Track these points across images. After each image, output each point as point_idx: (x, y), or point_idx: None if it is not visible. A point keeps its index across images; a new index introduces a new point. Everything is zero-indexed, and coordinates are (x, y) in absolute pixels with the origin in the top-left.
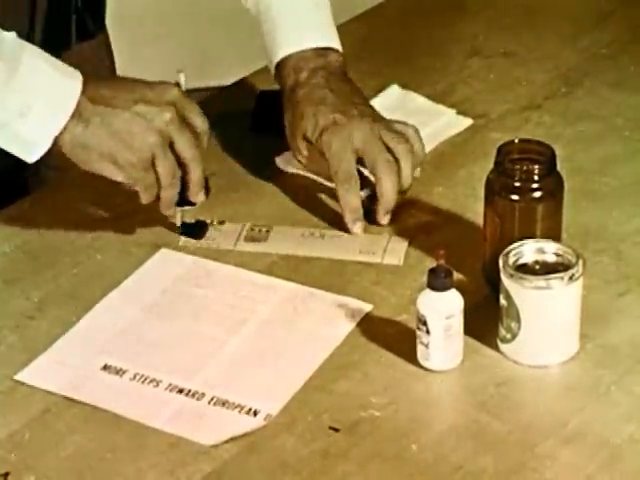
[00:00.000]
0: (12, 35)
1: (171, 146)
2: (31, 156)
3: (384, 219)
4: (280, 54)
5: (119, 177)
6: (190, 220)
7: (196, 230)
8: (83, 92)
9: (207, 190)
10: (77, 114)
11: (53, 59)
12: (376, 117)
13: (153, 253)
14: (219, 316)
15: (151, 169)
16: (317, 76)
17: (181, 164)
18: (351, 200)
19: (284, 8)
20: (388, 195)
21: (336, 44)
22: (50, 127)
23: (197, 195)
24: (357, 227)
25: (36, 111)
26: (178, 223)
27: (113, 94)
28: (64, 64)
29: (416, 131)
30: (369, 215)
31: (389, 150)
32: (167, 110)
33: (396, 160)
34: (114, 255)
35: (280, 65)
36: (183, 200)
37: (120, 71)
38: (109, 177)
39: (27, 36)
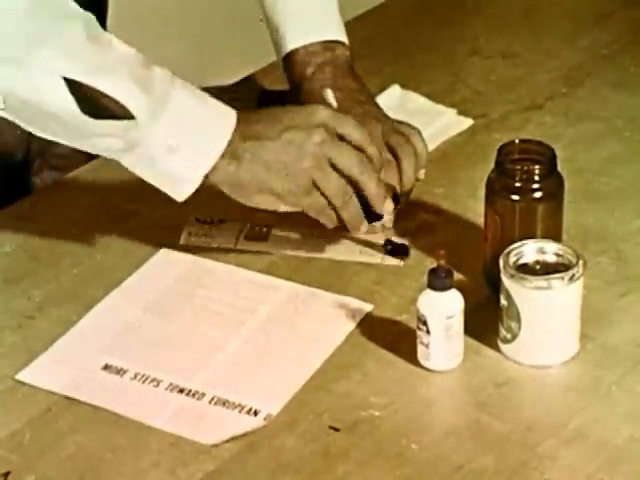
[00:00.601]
0: (164, 70)
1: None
2: (179, 194)
3: (387, 220)
4: (287, 48)
5: (284, 207)
6: (394, 239)
7: (399, 250)
8: (235, 130)
9: (397, 197)
10: (229, 153)
11: (204, 95)
12: (380, 117)
13: (154, 253)
14: (220, 316)
15: (316, 193)
16: (323, 71)
17: (351, 181)
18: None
19: (291, 1)
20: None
21: (343, 37)
22: (199, 166)
23: (381, 206)
24: (360, 231)
25: (185, 149)
26: (381, 240)
27: (263, 127)
28: (217, 101)
29: (419, 133)
30: (371, 215)
31: (392, 151)
32: (315, 132)
33: (398, 161)
34: (115, 255)
35: (287, 59)
36: (371, 214)
37: None
38: (276, 210)
39: None
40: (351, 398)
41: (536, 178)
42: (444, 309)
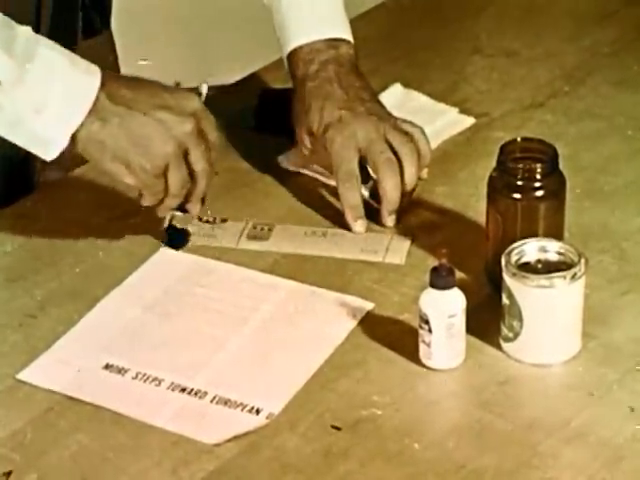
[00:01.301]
0: (27, 30)
1: (185, 157)
2: (48, 154)
3: (388, 220)
4: (291, 45)
5: (129, 180)
6: (178, 225)
7: (179, 237)
8: (102, 89)
9: (202, 201)
10: (95, 111)
11: (70, 53)
12: (383, 115)
13: (156, 252)
14: (221, 315)
15: (162, 177)
16: (327, 69)
17: (191, 175)
18: (352, 198)
19: None
20: (390, 195)
21: (348, 36)
22: (67, 124)
23: (195, 206)
24: (358, 225)
25: (52, 108)
26: (165, 225)
27: (134, 96)
28: (82, 59)
29: (423, 132)
30: (374, 215)
31: (393, 150)
32: (188, 121)
33: (400, 161)
34: (117, 254)
35: (291, 56)
36: (178, 206)
37: (123, 68)
38: (118, 179)
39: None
40: (353, 397)
41: (538, 177)
42: (446, 308)
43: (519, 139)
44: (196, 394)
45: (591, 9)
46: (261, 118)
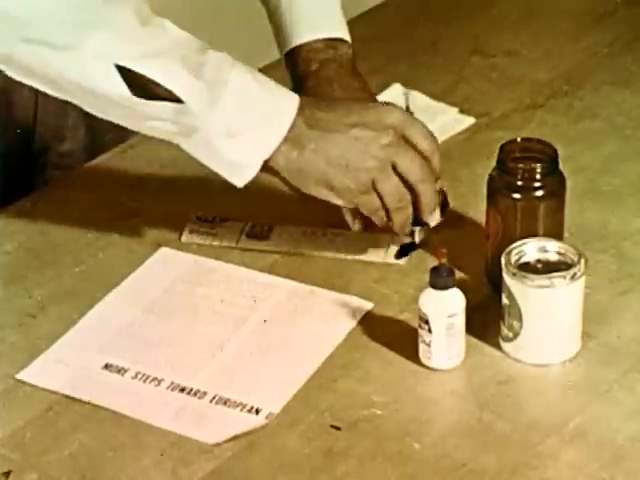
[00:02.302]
0: (221, 55)
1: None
2: (240, 179)
3: (433, 218)
4: (291, 44)
5: (339, 202)
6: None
7: (405, 251)
8: (298, 114)
9: (444, 207)
10: (292, 139)
11: (266, 80)
12: None
13: (155, 251)
14: (220, 315)
15: (373, 193)
16: (328, 68)
17: (409, 187)
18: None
19: None
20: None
21: (346, 36)
22: (260, 150)
23: (429, 216)
24: (357, 223)
25: (244, 135)
26: (406, 241)
27: (329, 117)
28: (279, 85)
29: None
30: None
31: None
32: (385, 134)
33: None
34: (116, 253)
35: (290, 55)
36: (416, 219)
37: None
38: (330, 201)
39: None
40: (352, 397)
41: (538, 177)
42: (446, 308)
43: (519, 139)
44: (195, 394)
45: (590, 9)
46: None
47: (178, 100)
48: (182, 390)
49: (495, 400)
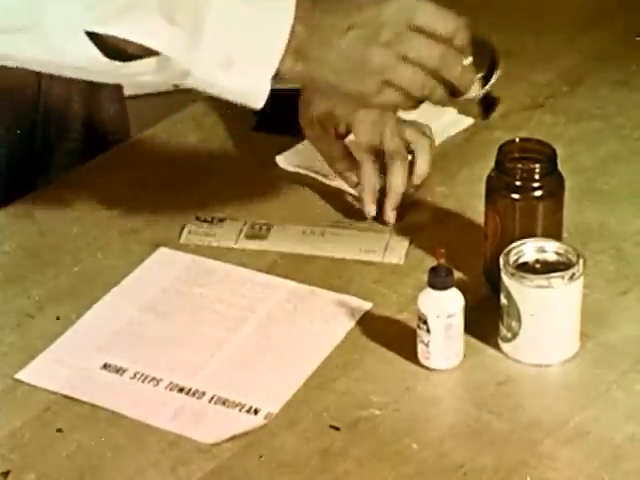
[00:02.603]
0: None
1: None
2: (255, 102)
3: (391, 216)
4: None
5: (376, 101)
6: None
7: (489, 105)
8: (297, 21)
9: (493, 65)
10: (293, 49)
11: None
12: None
13: (154, 252)
14: (219, 315)
15: (388, 89)
16: None
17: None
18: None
19: None
20: (396, 189)
21: None
22: (262, 73)
23: (470, 88)
24: (373, 209)
25: (242, 61)
26: (473, 93)
27: (329, 21)
28: None
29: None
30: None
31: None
32: (383, 30)
33: (413, 155)
34: (115, 253)
35: None
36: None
37: None
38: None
39: None
40: (351, 397)
41: (536, 177)
42: (444, 308)
43: (518, 139)
44: (194, 394)
45: (590, 10)
46: (261, 118)
47: (157, 53)
48: (181, 390)
49: (494, 400)
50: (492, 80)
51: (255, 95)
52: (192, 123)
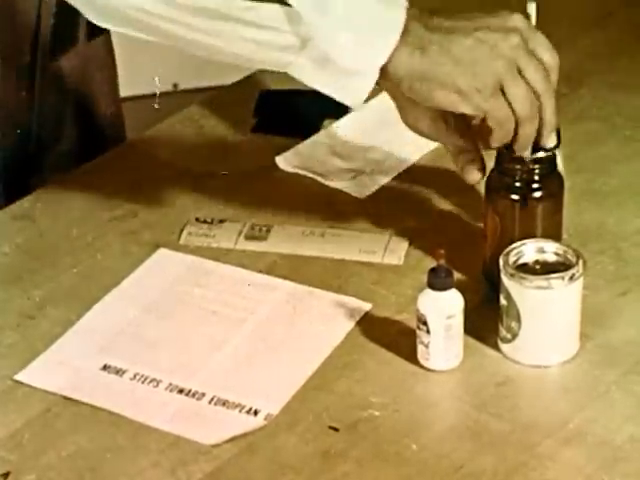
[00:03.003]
0: None
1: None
2: (355, 96)
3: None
4: None
5: (466, 108)
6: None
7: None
8: (414, 20)
9: (559, 139)
10: (412, 41)
11: None
12: None
13: (153, 253)
14: (219, 316)
15: (501, 97)
16: None
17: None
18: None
19: None
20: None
21: None
22: (376, 56)
23: (549, 137)
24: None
25: (358, 40)
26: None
27: (450, 23)
28: None
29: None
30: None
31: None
32: (513, 35)
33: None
34: (115, 255)
35: None
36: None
37: (121, 68)
38: (454, 109)
39: (35, 34)
40: (351, 398)
41: (536, 178)
42: (444, 309)
43: None
44: (194, 395)
45: (589, 10)
46: (261, 118)
47: (287, 4)
48: (180, 391)
49: (493, 401)
50: (559, 154)
51: (360, 83)
52: (191, 124)
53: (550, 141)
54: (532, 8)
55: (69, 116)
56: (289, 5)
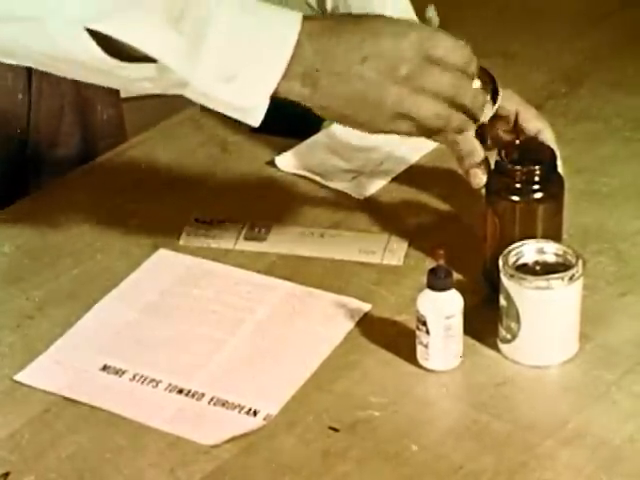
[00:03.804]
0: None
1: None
2: (252, 120)
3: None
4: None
5: (370, 132)
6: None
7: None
8: (306, 43)
9: (495, 94)
10: (301, 74)
11: (260, 5)
12: None
13: (153, 253)
14: (218, 316)
15: (406, 118)
16: None
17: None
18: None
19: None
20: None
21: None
22: (262, 90)
23: (480, 115)
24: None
25: (243, 75)
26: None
27: (341, 50)
28: (276, 9)
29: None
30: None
31: None
32: (401, 65)
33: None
34: (114, 255)
35: None
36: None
37: None
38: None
39: None
40: (350, 398)
41: (536, 179)
42: (443, 309)
43: (518, 141)
44: (193, 395)
45: (588, 11)
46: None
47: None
48: (180, 392)
49: (493, 401)
50: (498, 101)
51: (253, 112)
52: (191, 124)
53: (485, 115)
54: (431, 11)
55: (66, 121)
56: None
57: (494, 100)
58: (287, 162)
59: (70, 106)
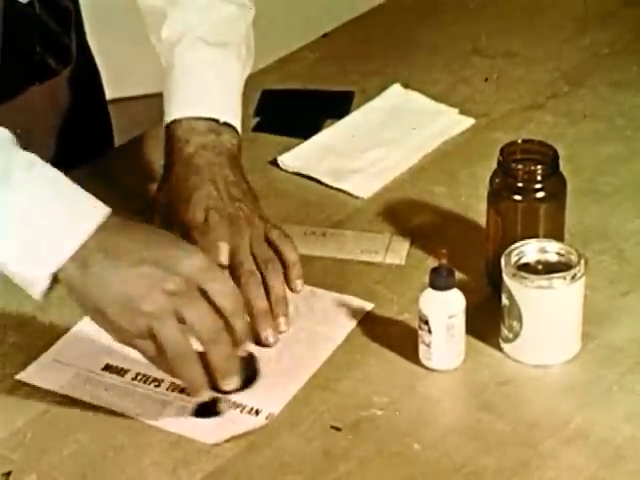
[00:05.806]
0: (21, 160)
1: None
2: (33, 293)
3: (282, 322)
4: (172, 115)
5: (114, 338)
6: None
7: (202, 411)
8: (94, 235)
9: (252, 377)
10: (79, 258)
11: (73, 194)
12: (252, 218)
13: None
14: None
15: (149, 340)
16: (201, 156)
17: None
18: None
19: (189, 72)
20: (258, 307)
21: (235, 122)
22: (44, 266)
23: (223, 381)
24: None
25: (30, 257)
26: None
27: (124, 246)
28: (89, 199)
29: (291, 241)
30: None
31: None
32: (172, 279)
33: (265, 277)
34: None
35: (169, 128)
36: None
37: (121, 69)
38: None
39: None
40: (352, 398)
41: (538, 178)
42: (446, 308)
43: (520, 140)
44: None
45: (590, 10)
46: (262, 118)
47: None
48: (182, 391)
49: (495, 401)
50: (238, 387)
51: (34, 286)
52: None
53: (227, 384)
54: (223, 250)
55: (38, 135)
56: None
57: (250, 382)
58: (289, 161)
59: (40, 125)
